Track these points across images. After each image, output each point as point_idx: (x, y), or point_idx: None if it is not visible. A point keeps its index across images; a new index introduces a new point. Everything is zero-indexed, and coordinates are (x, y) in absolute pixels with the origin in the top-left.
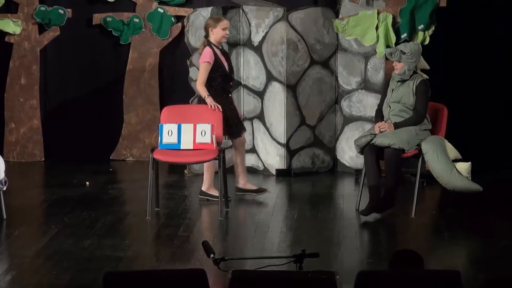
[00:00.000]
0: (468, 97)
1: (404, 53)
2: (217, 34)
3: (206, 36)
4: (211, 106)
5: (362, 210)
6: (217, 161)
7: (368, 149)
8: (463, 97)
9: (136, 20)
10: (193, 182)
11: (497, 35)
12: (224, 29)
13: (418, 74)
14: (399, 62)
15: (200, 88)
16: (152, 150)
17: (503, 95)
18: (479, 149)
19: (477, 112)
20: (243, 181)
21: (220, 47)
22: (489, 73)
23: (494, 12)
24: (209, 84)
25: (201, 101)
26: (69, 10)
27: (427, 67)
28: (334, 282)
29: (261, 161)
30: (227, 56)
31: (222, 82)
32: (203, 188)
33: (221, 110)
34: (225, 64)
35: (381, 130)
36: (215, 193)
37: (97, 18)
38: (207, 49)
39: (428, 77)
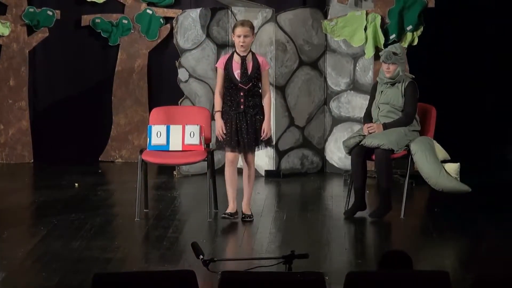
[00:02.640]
0: (456, 98)
1: (396, 54)
2: (234, 41)
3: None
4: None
5: (346, 211)
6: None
7: (356, 150)
8: (452, 98)
9: (125, 21)
10: (182, 183)
11: (485, 35)
12: (238, 36)
13: (406, 75)
14: (394, 64)
15: (214, 98)
16: (141, 152)
17: (492, 95)
18: (468, 150)
19: (466, 113)
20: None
21: (243, 54)
22: (477, 74)
23: (483, 12)
24: (225, 94)
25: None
26: (58, 11)
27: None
28: (323, 283)
29: None
30: (244, 63)
31: (232, 91)
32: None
33: (222, 132)
34: (236, 72)
35: (370, 131)
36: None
37: (86, 19)
38: (225, 54)
39: (414, 76)
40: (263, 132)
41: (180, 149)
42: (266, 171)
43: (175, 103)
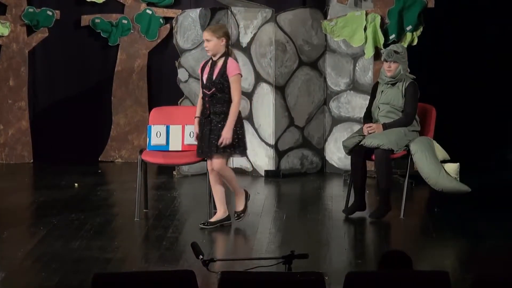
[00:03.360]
0: (456, 98)
1: (397, 53)
2: None
3: None
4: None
5: (345, 209)
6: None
7: (356, 151)
8: (452, 98)
9: (125, 21)
10: (181, 183)
11: (485, 36)
12: (203, 41)
13: (407, 75)
14: (395, 62)
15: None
16: (141, 152)
17: (492, 96)
18: (468, 150)
19: (466, 113)
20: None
21: (214, 58)
22: (477, 74)
23: (482, 13)
24: None
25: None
26: (58, 11)
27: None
28: (323, 283)
29: (250, 162)
30: (212, 68)
31: (203, 96)
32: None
33: (196, 137)
34: (205, 77)
35: (369, 131)
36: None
37: (86, 19)
38: (205, 59)
39: (415, 77)
40: (222, 140)
41: (180, 149)
42: (266, 171)
43: (174, 103)
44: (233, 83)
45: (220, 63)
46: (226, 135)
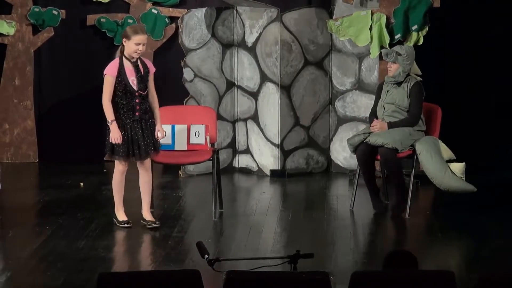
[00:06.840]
0: (462, 98)
1: (400, 55)
2: (129, 47)
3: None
4: (112, 138)
5: (377, 206)
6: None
7: (362, 148)
8: (457, 98)
9: (130, 21)
10: (187, 183)
11: (490, 35)
12: (137, 44)
13: (412, 76)
14: (394, 63)
15: (104, 105)
16: None
17: (497, 95)
18: (473, 150)
19: (471, 113)
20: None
21: (133, 60)
22: (483, 74)
23: (488, 12)
24: (115, 101)
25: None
26: (63, 11)
27: (419, 72)
28: (328, 283)
29: (255, 161)
30: (138, 69)
31: (127, 99)
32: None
33: (121, 142)
34: (131, 79)
35: (373, 130)
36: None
37: (91, 19)
38: (113, 61)
39: (421, 79)
40: (163, 133)
41: (185, 148)
42: (271, 171)
43: (180, 103)
44: (152, 80)
45: (139, 63)
46: (164, 129)
